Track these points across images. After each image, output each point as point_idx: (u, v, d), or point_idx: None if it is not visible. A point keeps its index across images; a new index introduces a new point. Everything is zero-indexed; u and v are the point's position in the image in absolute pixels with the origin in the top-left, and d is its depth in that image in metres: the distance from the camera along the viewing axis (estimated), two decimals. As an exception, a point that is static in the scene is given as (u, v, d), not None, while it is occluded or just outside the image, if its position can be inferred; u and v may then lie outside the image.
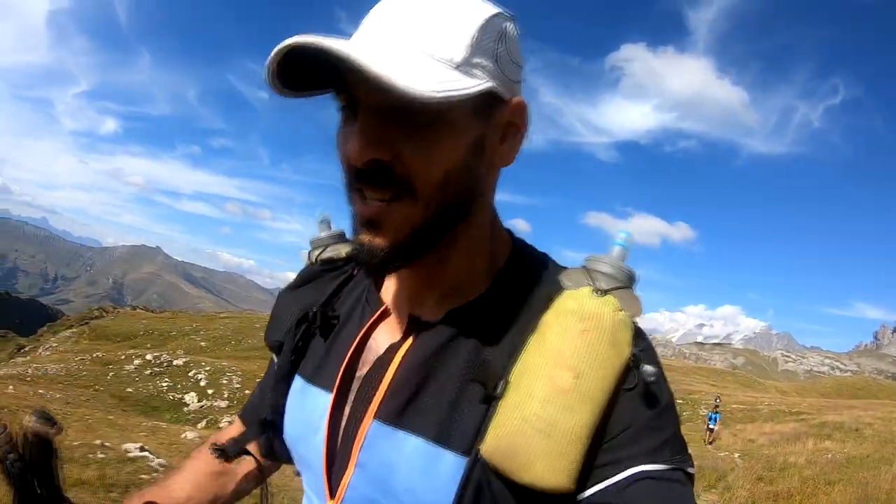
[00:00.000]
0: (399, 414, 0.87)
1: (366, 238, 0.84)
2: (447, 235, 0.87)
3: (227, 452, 1.09)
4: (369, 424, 0.89)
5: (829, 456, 15.37)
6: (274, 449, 1.08)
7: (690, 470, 0.81)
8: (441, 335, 0.90)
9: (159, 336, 52.17)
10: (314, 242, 1.22)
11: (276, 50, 0.74)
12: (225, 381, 30.87)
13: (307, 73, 0.80)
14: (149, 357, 33.11)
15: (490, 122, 0.85)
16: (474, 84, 0.78)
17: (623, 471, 0.77)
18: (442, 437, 0.83)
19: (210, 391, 29.59)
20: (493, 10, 0.84)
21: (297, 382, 1.04)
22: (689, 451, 0.84)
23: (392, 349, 0.93)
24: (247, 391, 29.64)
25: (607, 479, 0.77)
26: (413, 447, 0.84)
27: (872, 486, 10.41)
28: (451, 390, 0.86)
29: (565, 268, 0.94)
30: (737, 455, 17.35)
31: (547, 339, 0.81)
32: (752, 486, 11.58)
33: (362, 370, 0.96)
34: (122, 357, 33.49)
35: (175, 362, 32.99)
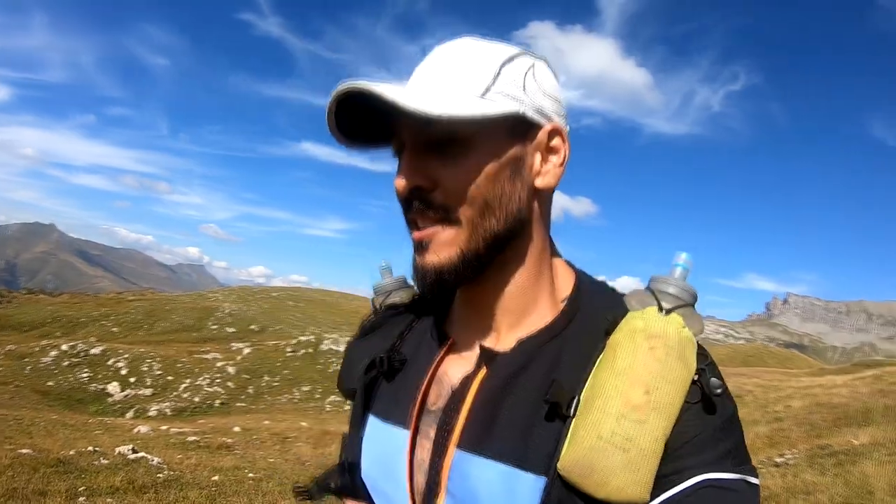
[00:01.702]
0: (479, 441, 0.89)
1: (418, 260, 0.92)
2: (497, 259, 0.93)
3: (312, 494, 1.13)
4: (453, 453, 0.91)
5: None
6: (355, 493, 1.08)
7: (753, 480, 0.82)
8: (514, 363, 0.92)
9: (68, 323, 50.80)
10: (377, 289, 1.26)
11: (329, 100, 0.85)
12: (146, 369, 30.77)
13: (365, 125, 0.92)
14: (64, 347, 32.53)
15: (526, 145, 0.91)
16: (493, 107, 0.86)
17: (687, 480, 0.79)
18: (520, 460, 0.85)
19: (132, 380, 29.56)
20: (519, 50, 0.93)
21: (372, 422, 1.06)
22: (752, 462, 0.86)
23: (467, 380, 0.96)
24: (169, 377, 30.03)
25: (671, 488, 0.79)
26: (494, 472, 0.86)
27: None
28: (527, 414, 0.88)
29: (623, 294, 0.97)
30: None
31: (617, 358, 0.83)
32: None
33: (437, 403, 0.98)
34: (37, 349, 32.76)
35: (92, 351, 32.56)
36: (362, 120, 0.92)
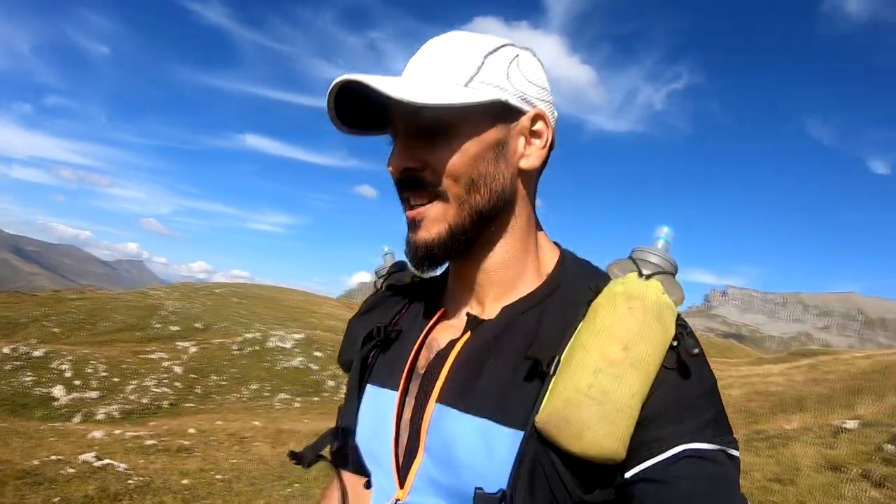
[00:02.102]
0: (459, 396, 0.93)
1: (410, 237, 0.99)
2: (484, 235, 1.00)
3: (304, 459, 1.14)
4: (433, 408, 0.95)
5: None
6: (346, 456, 1.10)
7: (734, 452, 0.83)
8: (497, 326, 0.98)
9: (7, 324, 47.74)
10: (378, 272, 1.36)
11: (328, 90, 0.92)
12: (90, 371, 30.10)
13: (363, 114, 1.00)
14: (6, 350, 30.92)
15: (510, 129, 0.98)
16: (476, 95, 0.93)
17: (668, 449, 0.80)
18: (498, 414, 0.88)
19: (77, 382, 28.82)
20: (505, 41, 1.00)
21: (368, 390, 1.10)
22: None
23: (452, 343, 1.01)
24: (115, 379, 29.38)
25: (653, 456, 0.80)
26: (472, 425, 0.89)
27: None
28: (507, 373, 0.92)
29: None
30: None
31: (597, 318, 0.87)
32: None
33: (425, 366, 1.03)
34: None
35: (34, 353, 31.22)
36: (360, 110, 1.00)
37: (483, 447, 0.88)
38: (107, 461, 9.19)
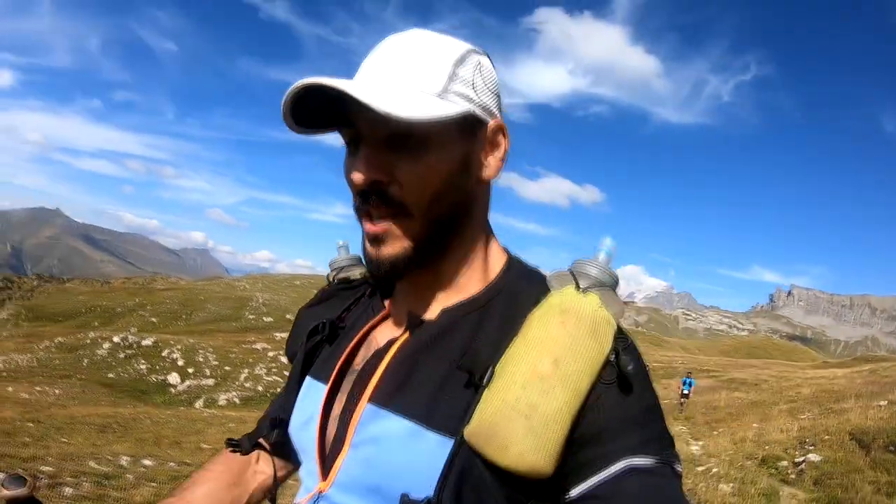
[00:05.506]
0: (390, 396, 0.91)
1: (373, 252, 0.94)
2: (443, 243, 0.96)
3: (242, 447, 1.13)
4: (364, 407, 0.92)
5: (741, 401, 22.37)
6: (284, 447, 1.11)
7: (678, 467, 0.81)
8: (434, 328, 0.95)
9: (104, 313, 50.91)
10: (332, 264, 1.30)
11: (289, 91, 0.84)
12: (201, 360, 31.43)
13: (316, 112, 0.91)
14: (116, 339, 32.82)
15: (474, 141, 0.95)
16: (452, 108, 0.88)
17: (611, 464, 0.78)
18: (428, 419, 0.86)
19: (190, 370, 30.15)
20: (468, 46, 0.96)
21: (306, 382, 1.09)
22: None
23: (391, 342, 0.99)
24: (227, 367, 30.90)
25: (596, 473, 0.78)
26: (400, 427, 0.87)
27: (767, 414, 17.36)
28: (441, 377, 0.89)
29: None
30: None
31: (530, 330, 0.84)
32: (702, 417, 18.91)
33: (361, 364, 1.01)
34: (87, 341, 33.12)
35: (143, 343, 33.08)
36: (316, 107, 0.91)
37: (411, 451, 0.86)
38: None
